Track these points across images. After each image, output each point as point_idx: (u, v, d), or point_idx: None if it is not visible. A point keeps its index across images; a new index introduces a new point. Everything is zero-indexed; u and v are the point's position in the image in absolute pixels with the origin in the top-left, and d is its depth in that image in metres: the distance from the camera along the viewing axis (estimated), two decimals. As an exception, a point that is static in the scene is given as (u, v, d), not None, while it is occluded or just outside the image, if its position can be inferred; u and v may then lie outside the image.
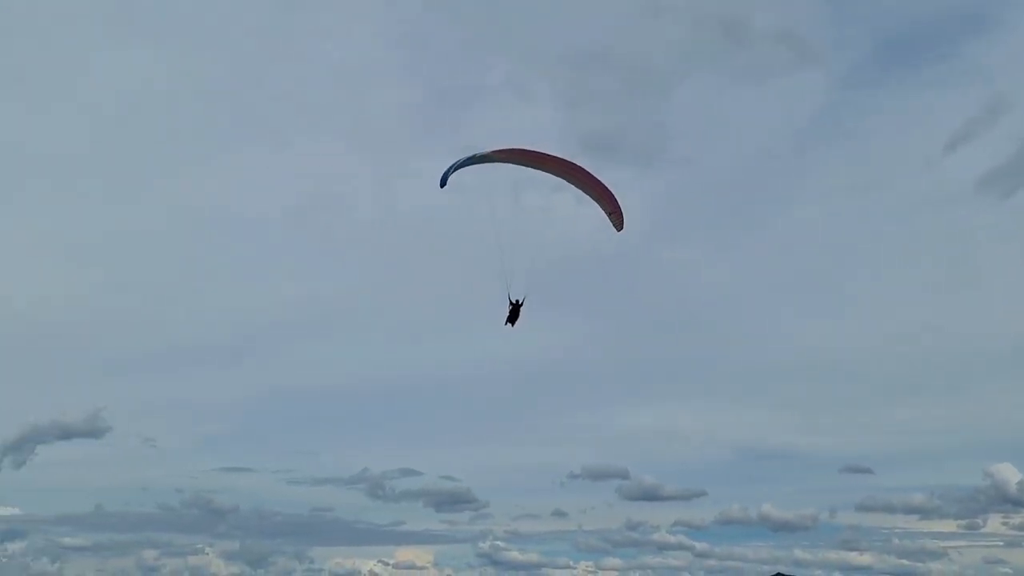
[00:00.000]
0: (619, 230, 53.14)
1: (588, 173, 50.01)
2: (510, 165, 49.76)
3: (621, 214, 51.98)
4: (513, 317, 57.76)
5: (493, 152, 49.81)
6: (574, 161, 50.41)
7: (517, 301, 57.27)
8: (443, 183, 51.45)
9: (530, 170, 49.72)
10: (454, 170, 50.53)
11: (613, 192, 50.51)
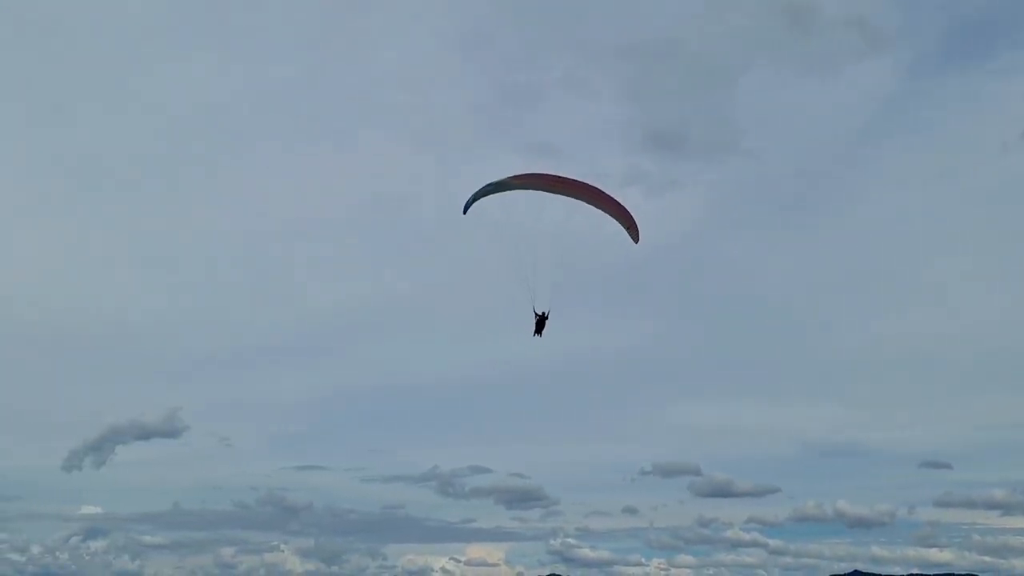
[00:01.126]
0: (636, 242, 56.10)
1: (602, 192, 52.44)
2: (528, 191, 53.14)
3: (637, 228, 54.73)
4: (539, 328, 60.81)
5: (511, 179, 53.07)
6: (587, 182, 53.40)
7: (543, 314, 60.45)
8: (465, 211, 55.49)
9: (548, 194, 52.75)
10: (475, 199, 54.16)
11: (628, 208, 53.64)
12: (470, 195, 54.42)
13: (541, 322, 61.47)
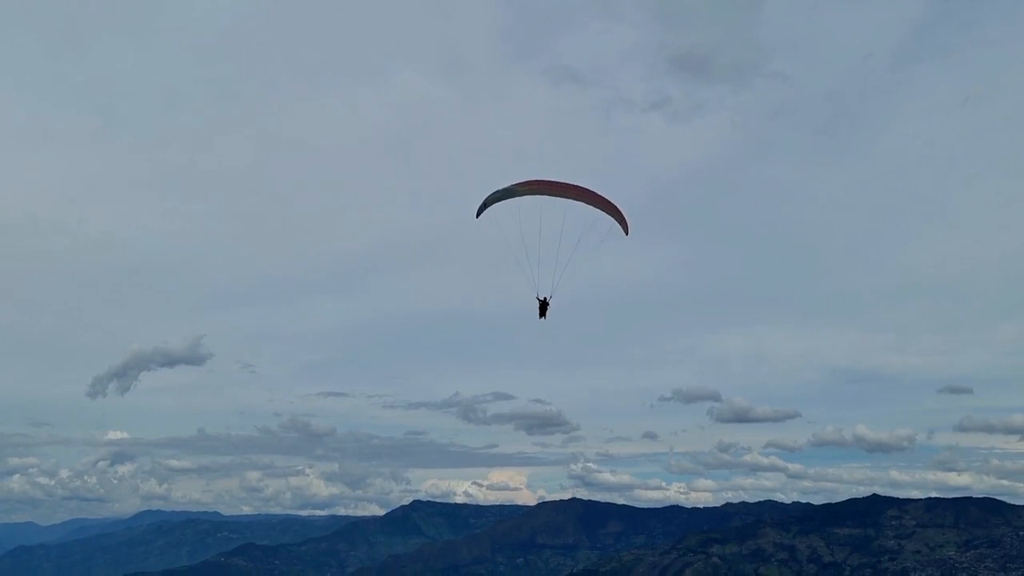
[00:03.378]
0: (627, 234, 59.56)
1: (595, 193, 56.30)
2: (533, 196, 58.12)
3: (626, 222, 58.72)
4: (543, 311, 67.82)
5: (516, 186, 58.19)
6: (578, 184, 55.97)
7: (544, 299, 67.20)
8: (478, 215, 63.12)
9: (550, 197, 57.25)
10: (484, 207, 62.25)
11: (618, 206, 57.15)
12: (481, 202, 62.92)
13: (544, 306, 67.91)
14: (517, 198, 57.09)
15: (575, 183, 55.11)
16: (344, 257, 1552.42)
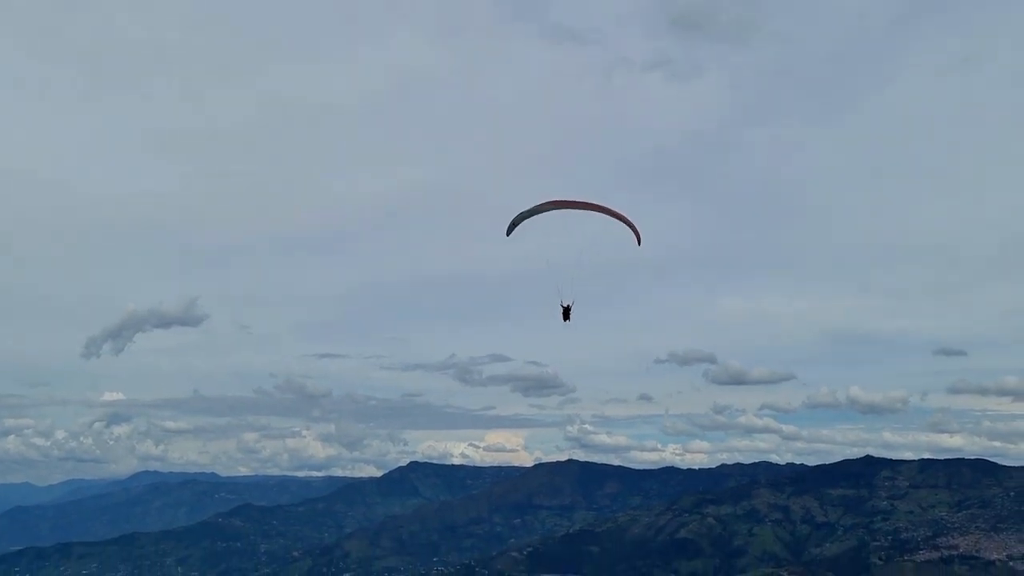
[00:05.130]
0: (639, 244, 62.38)
1: (612, 209, 59.74)
2: (557, 211, 62.46)
3: (639, 234, 61.26)
4: (566, 315, 72.33)
5: (543, 204, 62.31)
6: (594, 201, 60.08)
7: (568, 305, 71.82)
8: (508, 233, 67.47)
9: (572, 211, 61.51)
10: (514, 226, 66.62)
11: (632, 220, 61.12)
12: (511, 220, 67.40)
13: (567, 311, 72.61)
14: (544, 214, 61.73)
15: (587, 199, 58.68)
16: (341, 218, 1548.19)
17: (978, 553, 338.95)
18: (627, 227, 61.01)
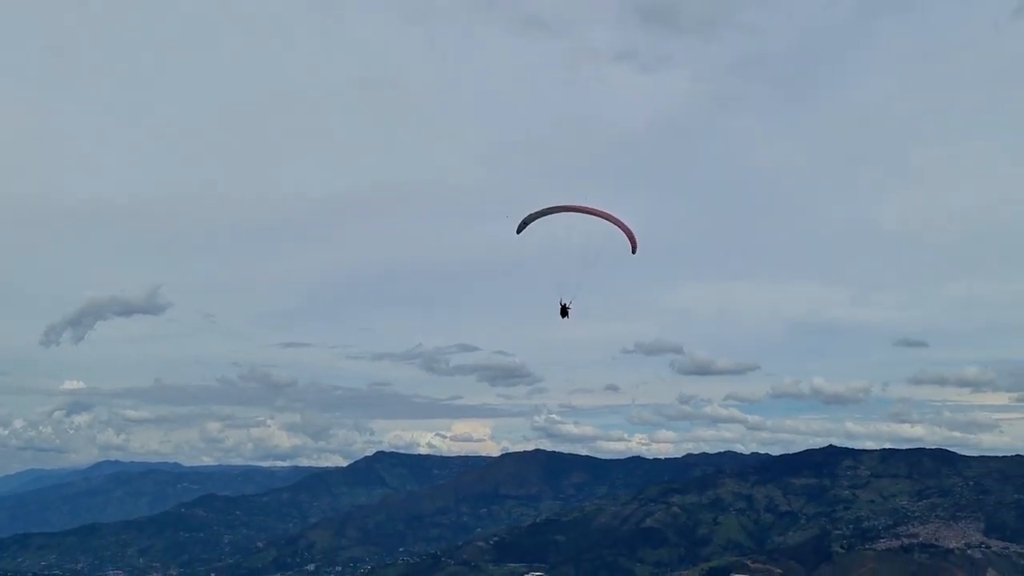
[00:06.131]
0: (634, 252, 67.05)
1: (615, 217, 65.28)
2: (563, 214, 66.30)
3: (635, 241, 65.87)
4: (564, 313, 76.04)
5: (554, 207, 65.53)
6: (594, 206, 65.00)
7: (567, 304, 75.44)
8: (518, 231, 69.69)
9: (576, 215, 65.77)
10: (524, 225, 69.08)
11: (630, 226, 65.36)
12: (520, 220, 70.14)
13: (564, 310, 76.11)
14: (550, 216, 64.75)
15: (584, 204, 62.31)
16: (308, 206, 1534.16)
17: (937, 542, 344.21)
18: (625, 235, 63.74)
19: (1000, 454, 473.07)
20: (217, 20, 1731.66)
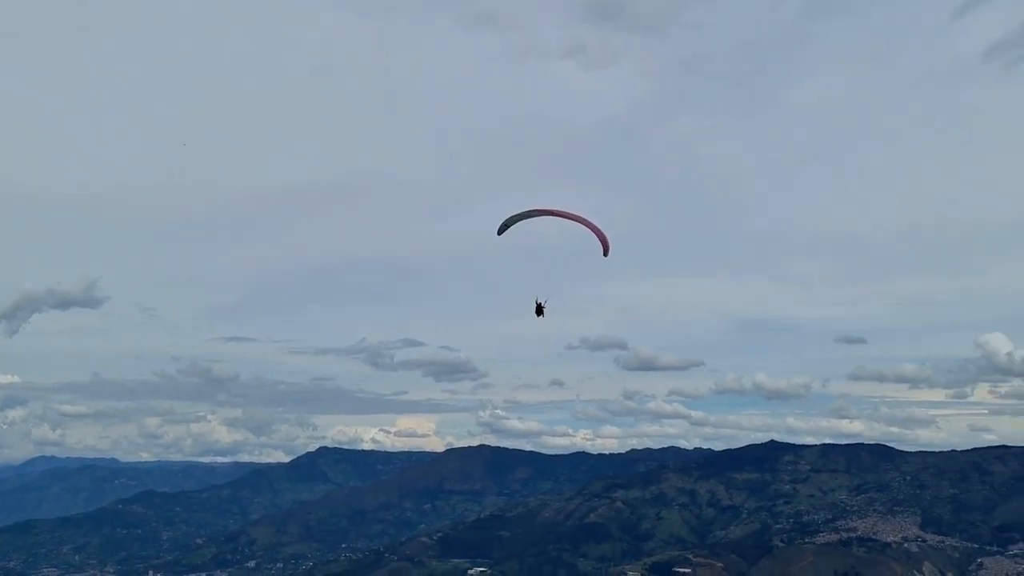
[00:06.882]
0: (606, 255, 68.00)
1: (590, 222, 67.06)
2: (542, 217, 67.82)
3: (608, 245, 67.40)
4: (540, 312, 78.29)
5: (534, 211, 67.42)
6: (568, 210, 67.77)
7: (542, 303, 77.42)
8: (500, 232, 71.49)
9: (552, 218, 67.35)
10: (505, 227, 70.77)
11: (605, 233, 67.46)
12: (501, 222, 71.54)
13: (540, 308, 77.98)
14: (531, 220, 66.78)
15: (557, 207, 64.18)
16: (252, 199, 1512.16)
17: (875, 535, 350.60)
18: (598, 238, 65.88)
19: (936, 449, 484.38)
20: (163, 13, 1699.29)
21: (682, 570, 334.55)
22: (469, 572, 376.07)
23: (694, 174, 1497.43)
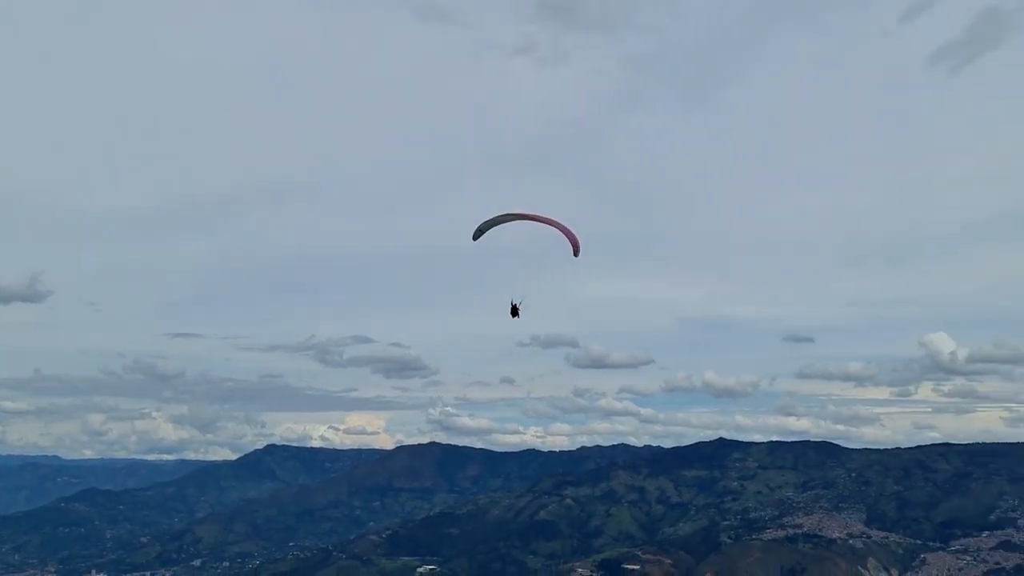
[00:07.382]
0: (576, 256, 69.82)
1: (563, 225, 69.91)
2: (516, 222, 70.56)
3: (578, 248, 69.34)
4: (515, 313, 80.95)
5: (507, 215, 70.70)
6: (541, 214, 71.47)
7: (517, 304, 80.00)
8: (475, 238, 73.76)
9: (527, 222, 69.99)
10: (480, 233, 73.53)
11: (575, 233, 70.06)
12: (477, 227, 74.24)
13: (515, 309, 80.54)
14: (505, 224, 69.82)
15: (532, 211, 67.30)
16: (200, 193, 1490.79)
17: (821, 531, 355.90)
18: (568, 240, 67.67)
19: (881, 447, 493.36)
20: (106, 4, 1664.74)
21: (631, 567, 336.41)
22: (419, 570, 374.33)
23: (644, 172, 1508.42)
